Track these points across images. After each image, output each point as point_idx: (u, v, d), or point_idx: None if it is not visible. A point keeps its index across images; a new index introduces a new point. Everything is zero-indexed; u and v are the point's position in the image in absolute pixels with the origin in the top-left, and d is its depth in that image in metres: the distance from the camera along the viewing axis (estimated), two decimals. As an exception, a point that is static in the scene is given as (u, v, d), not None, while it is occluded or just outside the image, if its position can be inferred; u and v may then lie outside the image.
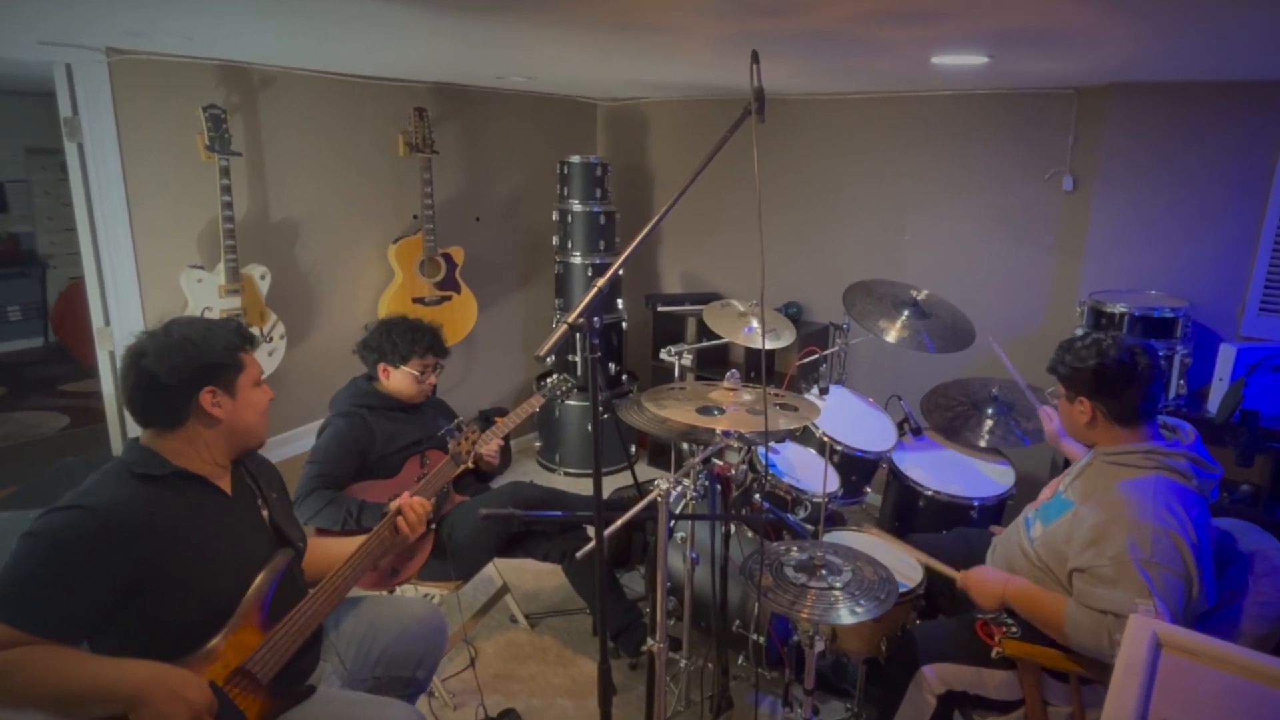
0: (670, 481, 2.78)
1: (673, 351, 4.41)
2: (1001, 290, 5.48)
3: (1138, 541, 2.69)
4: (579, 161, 6.24)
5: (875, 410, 4.74)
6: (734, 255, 6.77)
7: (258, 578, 2.58)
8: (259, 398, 2.67)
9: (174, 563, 2.39)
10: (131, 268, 4.48)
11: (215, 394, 2.54)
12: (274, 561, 2.64)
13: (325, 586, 2.75)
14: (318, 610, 2.71)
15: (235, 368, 2.59)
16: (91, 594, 2.27)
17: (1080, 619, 2.74)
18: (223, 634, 2.46)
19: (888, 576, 3.05)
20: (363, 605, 3.18)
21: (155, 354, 2.48)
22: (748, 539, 4.00)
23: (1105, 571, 2.71)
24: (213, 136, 4.44)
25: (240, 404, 2.61)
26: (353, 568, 2.83)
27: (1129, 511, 2.75)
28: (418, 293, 5.65)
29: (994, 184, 5.42)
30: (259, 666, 2.52)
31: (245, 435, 2.65)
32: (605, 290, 2.38)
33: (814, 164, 6.16)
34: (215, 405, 2.54)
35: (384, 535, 2.99)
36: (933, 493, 4.23)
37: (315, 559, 2.99)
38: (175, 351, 2.49)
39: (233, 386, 2.58)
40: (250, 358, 2.66)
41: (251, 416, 2.65)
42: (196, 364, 2.51)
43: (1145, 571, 2.65)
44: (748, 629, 3.83)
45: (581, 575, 4.20)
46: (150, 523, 2.38)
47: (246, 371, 2.63)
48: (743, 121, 2.42)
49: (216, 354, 2.55)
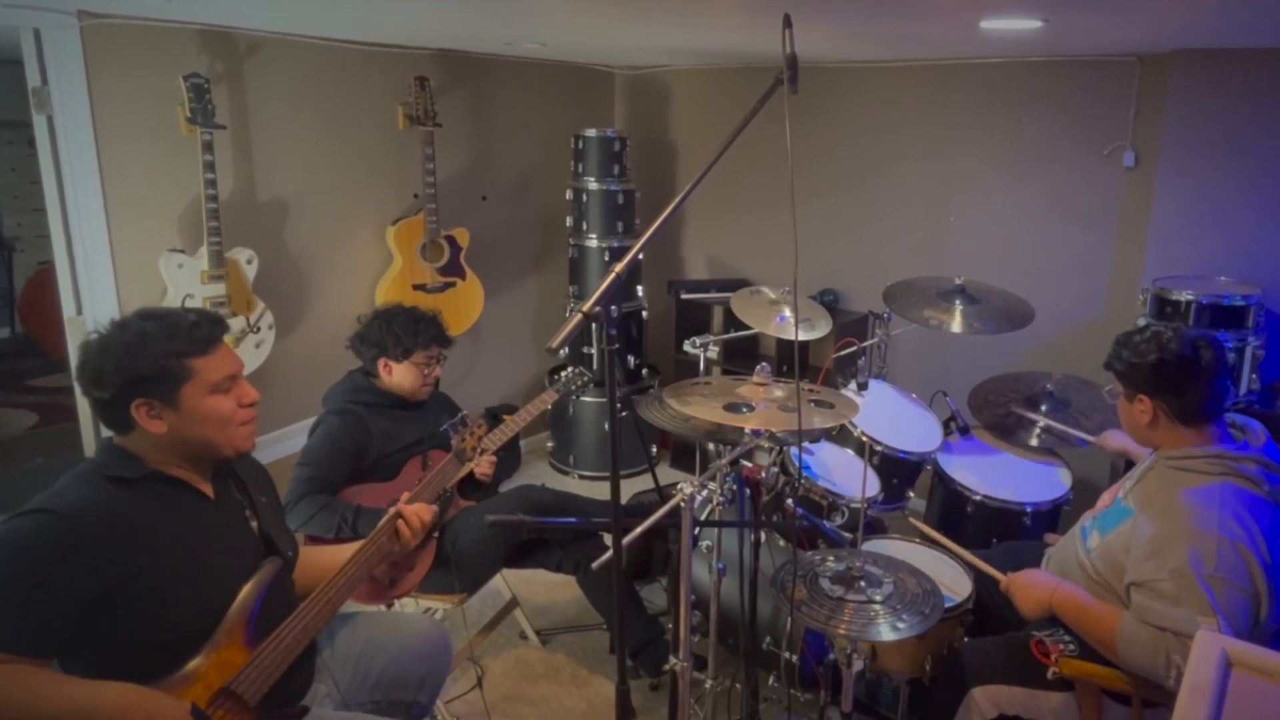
0: (695, 485, 2.79)
1: (697, 343, 4.42)
2: (1056, 277, 5.46)
3: (1200, 554, 2.68)
4: (595, 135, 6.25)
5: (918, 407, 4.74)
6: (764, 238, 6.77)
7: (243, 589, 2.55)
8: (218, 406, 2.55)
9: (151, 572, 2.37)
10: (106, 252, 4.51)
11: (150, 406, 2.46)
12: (261, 571, 2.62)
13: (318, 598, 2.71)
14: (310, 624, 2.67)
15: (174, 377, 2.47)
16: (62, 606, 2.25)
17: (1137, 635, 2.73)
18: (205, 652, 2.44)
19: (933, 589, 3.05)
20: (359, 621, 3.16)
21: (82, 360, 2.48)
22: (779, 548, 4.01)
23: (1165, 586, 2.70)
24: (195, 108, 4.46)
25: (188, 415, 2.50)
26: (347, 577, 2.80)
27: (1192, 521, 2.74)
28: (419, 279, 5.67)
29: (1048, 160, 5.40)
30: (245, 687, 2.48)
31: (202, 447, 2.57)
32: (623, 276, 2.37)
33: (852, 139, 6.15)
34: (153, 418, 2.47)
35: (381, 541, 2.96)
36: (981, 497, 4.23)
37: (307, 568, 2.97)
38: (99, 358, 2.44)
39: (173, 397, 2.47)
40: (209, 361, 2.53)
41: (206, 428, 2.54)
42: (122, 376, 2.42)
43: (1208, 587, 2.64)
44: (779, 646, 3.84)
45: (598, 587, 4.21)
46: (124, 527, 2.36)
47: (197, 379, 2.50)
48: (774, 92, 2.42)
49: (143, 365, 2.43)
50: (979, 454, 4.55)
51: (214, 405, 2.54)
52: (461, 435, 3.67)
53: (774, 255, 6.75)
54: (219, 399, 2.55)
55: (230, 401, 2.59)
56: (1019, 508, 4.20)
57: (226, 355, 2.61)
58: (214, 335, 2.58)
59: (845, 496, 4.18)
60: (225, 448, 2.60)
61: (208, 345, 2.55)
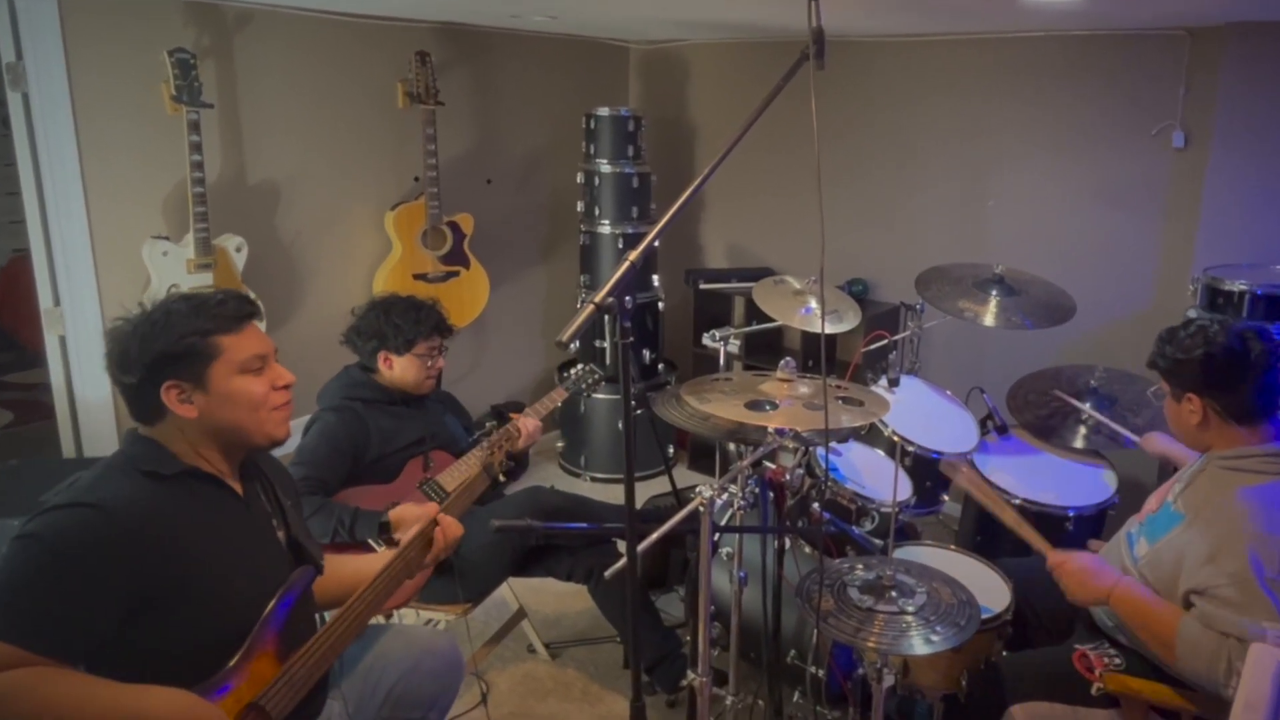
0: (714, 488, 2.80)
1: (717, 336, 4.42)
2: (1101, 265, 5.45)
3: (1262, 557, 2.68)
4: (608, 114, 6.26)
5: (954, 405, 4.74)
6: (789, 224, 6.77)
7: (274, 598, 2.55)
8: (249, 387, 2.56)
9: (190, 574, 2.38)
10: (85, 239, 4.53)
11: (181, 389, 2.48)
12: (292, 580, 2.62)
13: (348, 612, 2.68)
14: (339, 640, 2.66)
15: (201, 356, 2.49)
16: (102, 607, 2.26)
17: (1199, 639, 2.72)
18: (237, 661, 2.43)
19: (969, 599, 3.05)
20: (368, 635, 3.14)
21: (113, 343, 2.50)
22: (805, 555, 4.01)
23: (1227, 592, 2.70)
24: (180, 85, 4.46)
25: (217, 397, 2.51)
26: (377, 590, 2.76)
27: (1251, 522, 2.74)
28: (419, 268, 5.69)
29: (1092, 141, 5.39)
30: (273, 703, 2.46)
31: (235, 433, 2.58)
32: (638, 265, 2.37)
33: (883, 118, 6.15)
34: (183, 402, 2.48)
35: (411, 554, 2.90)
36: (1021, 501, 4.21)
37: (326, 578, 2.94)
38: (126, 340, 2.47)
39: (202, 378, 2.49)
40: (236, 339, 2.55)
41: (237, 411, 2.54)
42: (148, 356, 2.45)
43: (1271, 591, 2.64)
44: (804, 660, 3.84)
45: (611, 597, 4.22)
46: (166, 526, 2.37)
47: (224, 356, 2.52)
48: (799, 68, 2.42)
49: (170, 342, 2.46)
50: (1018, 455, 4.54)
51: (244, 386, 2.56)
52: (489, 448, 3.61)
53: (799, 242, 6.74)
54: (249, 380, 2.57)
55: (262, 383, 2.60)
56: (1061, 512, 4.19)
57: (256, 335, 2.63)
58: (243, 312, 2.61)
59: (875, 500, 4.18)
60: (257, 434, 2.61)
61: (236, 322, 2.57)
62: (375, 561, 2.93)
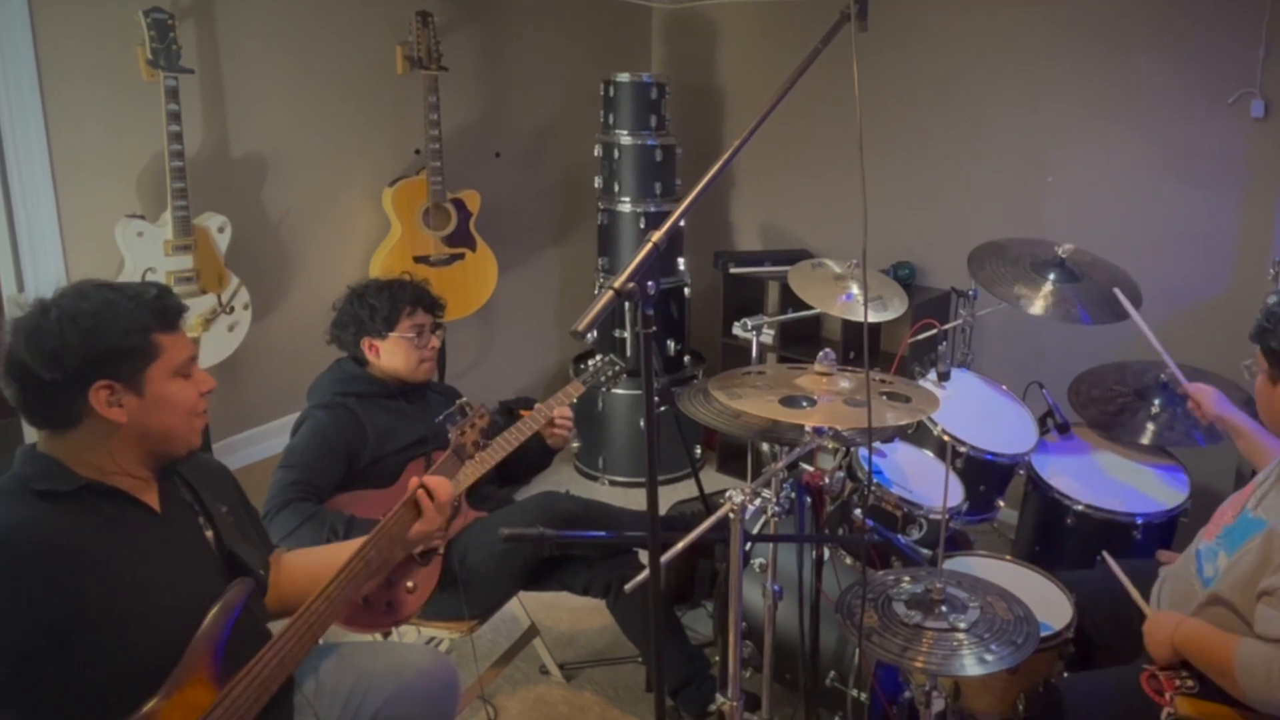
0: (746, 493, 2.80)
1: (749, 326, 4.43)
2: (1172, 246, 5.42)
3: None
4: (629, 81, 6.26)
5: (1010, 401, 4.74)
6: (828, 202, 6.77)
7: (208, 616, 2.50)
8: (182, 392, 2.54)
9: (98, 603, 2.34)
10: (52, 217, 4.53)
11: (113, 390, 2.42)
12: (228, 594, 2.56)
13: (302, 616, 2.61)
14: (292, 652, 2.58)
15: (142, 355, 2.45)
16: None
17: (1252, 659, 2.71)
18: (164, 692, 2.38)
19: (1027, 615, 3.05)
20: (348, 653, 3.12)
21: (28, 335, 2.39)
22: (845, 567, 4.02)
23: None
24: (157, 49, 4.46)
25: (151, 402, 2.48)
26: (341, 585, 2.69)
27: None
28: (421, 249, 5.70)
29: (1162, 110, 5.36)
30: None
31: (162, 441, 2.55)
32: (662, 247, 2.35)
33: (932, 85, 6.14)
34: (113, 405, 2.43)
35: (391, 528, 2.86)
36: (1084, 507, 4.21)
37: (297, 578, 2.93)
38: (52, 333, 2.37)
39: (138, 380, 2.45)
40: (173, 339, 2.52)
41: (169, 417, 2.53)
42: (83, 352, 2.37)
43: None
44: (845, 683, 3.85)
45: (632, 613, 4.22)
46: (64, 552, 2.33)
47: (163, 358, 2.49)
48: (839, 29, 2.42)
49: (112, 337, 2.40)
50: (1081, 456, 4.54)
51: (179, 391, 2.53)
52: (461, 427, 3.38)
53: (839, 222, 6.74)
54: (182, 384, 2.55)
55: (193, 388, 2.59)
56: (1128, 519, 4.19)
57: (185, 335, 2.60)
58: (179, 308, 2.58)
59: (923, 506, 4.18)
60: (181, 443, 2.59)
61: (177, 318, 2.55)
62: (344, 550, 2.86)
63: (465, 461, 3.42)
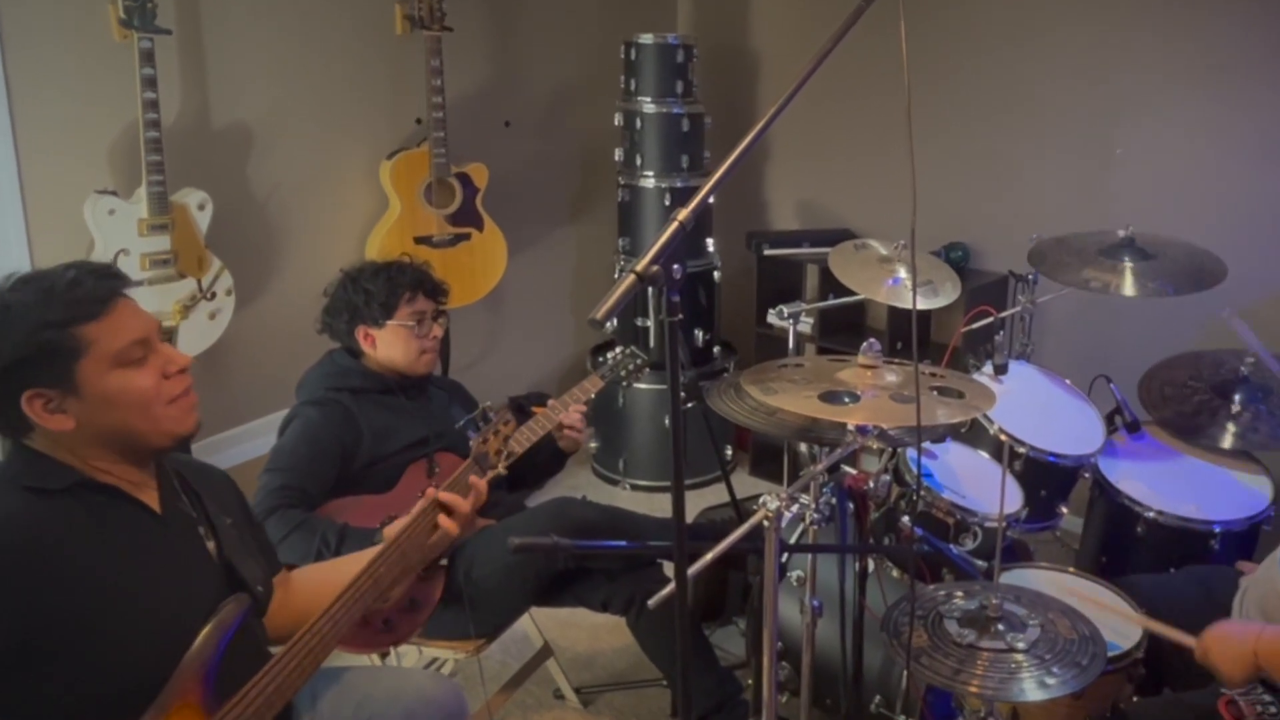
0: (782, 498, 2.80)
1: (785, 313, 4.43)
2: (1255, 229, 5.38)
3: None
4: (652, 43, 6.27)
5: (1074, 397, 4.73)
6: (872, 177, 6.76)
7: (200, 635, 2.47)
8: (130, 382, 2.47)
9: (84, 611, 2.32)
10: (15, 194, 4.53)
11: (45, 397, 2.38)
12: (222, 613, 2.54)
13: (302, 639, 2.59)
14: (290, 677, 2.55)
15: (61, 354, 2.38)
16: None
17: None
18: (149, 717, 2.36)
19: (1092, 634, 3.05)
20: (349, 678, 3.12)
21: None
22: (892, 580, 4.02)
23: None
24: (130, 6, 4.44)
25: (94, 401, 2.43)
26: (346, 603, 2.68)
27: None
28: (422, 229, 5.71)
29: (1246, 79, 5.32)
30: None
31: (126, 439, 2.51)
32: (689, 226, 2.34)
33: (988, 51, 6.12)
34: (53, 412, 2.40)
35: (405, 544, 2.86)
36: (1156, 514, 4.21)
37: (311, 598, 2.89)
38: None
39: (70, 381, 2.39)
40: (102, 326, 2.43)
41: (122, 413, 2.47)
42: None
43: None
44: (892, 709, 3.85)
45: (655, 632, 4.21)
46: (52, 553, 2.32)
47: (92, 352, 2.41)
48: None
49: (16, 343, 2.35)
50: (1152, 458, 4.53)
51: (125, 383, 2.46)
52: (484, 435, 3.44)
53: (884, 200, 6.70)
54: (130, 374, 2.47)
55: (148, 375, 2.50)
56: (1205, 527, 4.17)
57: (129, 315, 2.51)
58: (107, 290, 2.49)
59: (978, 513, 4.18)
60: (154, 435, 2.53)
61: (99, 305, 2.45)
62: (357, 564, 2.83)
63: (488, 470, 3.41)
